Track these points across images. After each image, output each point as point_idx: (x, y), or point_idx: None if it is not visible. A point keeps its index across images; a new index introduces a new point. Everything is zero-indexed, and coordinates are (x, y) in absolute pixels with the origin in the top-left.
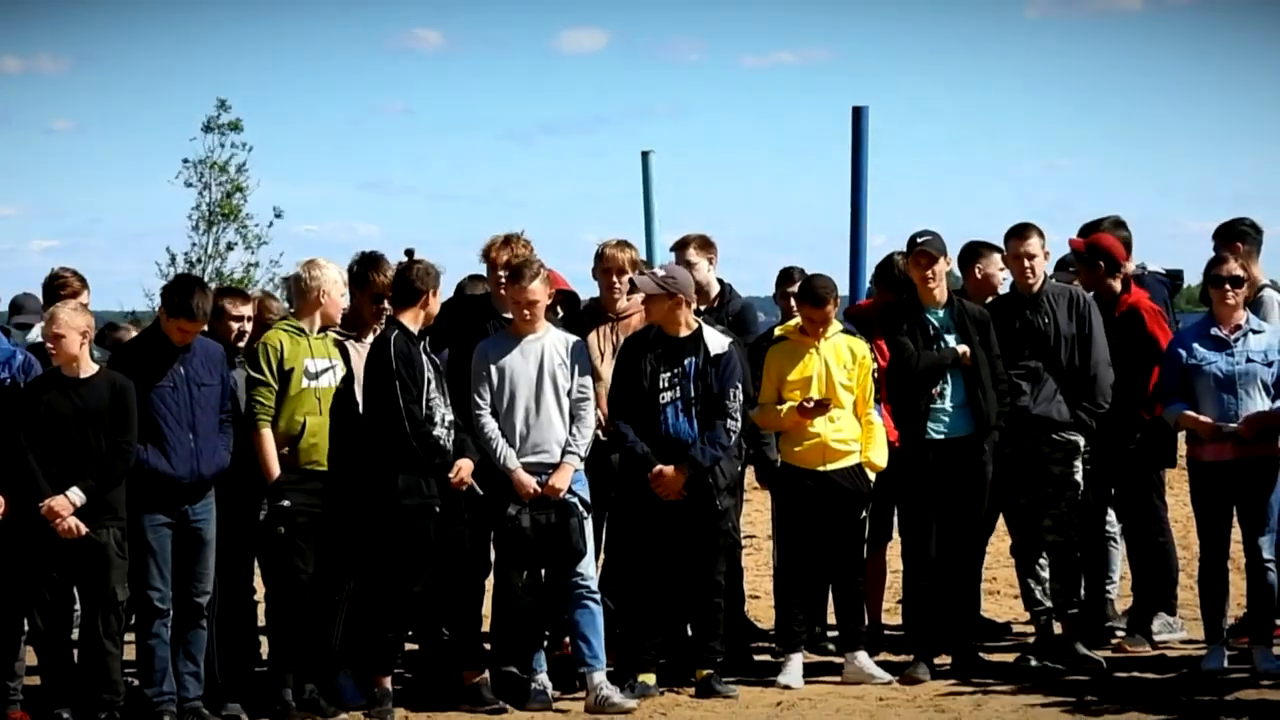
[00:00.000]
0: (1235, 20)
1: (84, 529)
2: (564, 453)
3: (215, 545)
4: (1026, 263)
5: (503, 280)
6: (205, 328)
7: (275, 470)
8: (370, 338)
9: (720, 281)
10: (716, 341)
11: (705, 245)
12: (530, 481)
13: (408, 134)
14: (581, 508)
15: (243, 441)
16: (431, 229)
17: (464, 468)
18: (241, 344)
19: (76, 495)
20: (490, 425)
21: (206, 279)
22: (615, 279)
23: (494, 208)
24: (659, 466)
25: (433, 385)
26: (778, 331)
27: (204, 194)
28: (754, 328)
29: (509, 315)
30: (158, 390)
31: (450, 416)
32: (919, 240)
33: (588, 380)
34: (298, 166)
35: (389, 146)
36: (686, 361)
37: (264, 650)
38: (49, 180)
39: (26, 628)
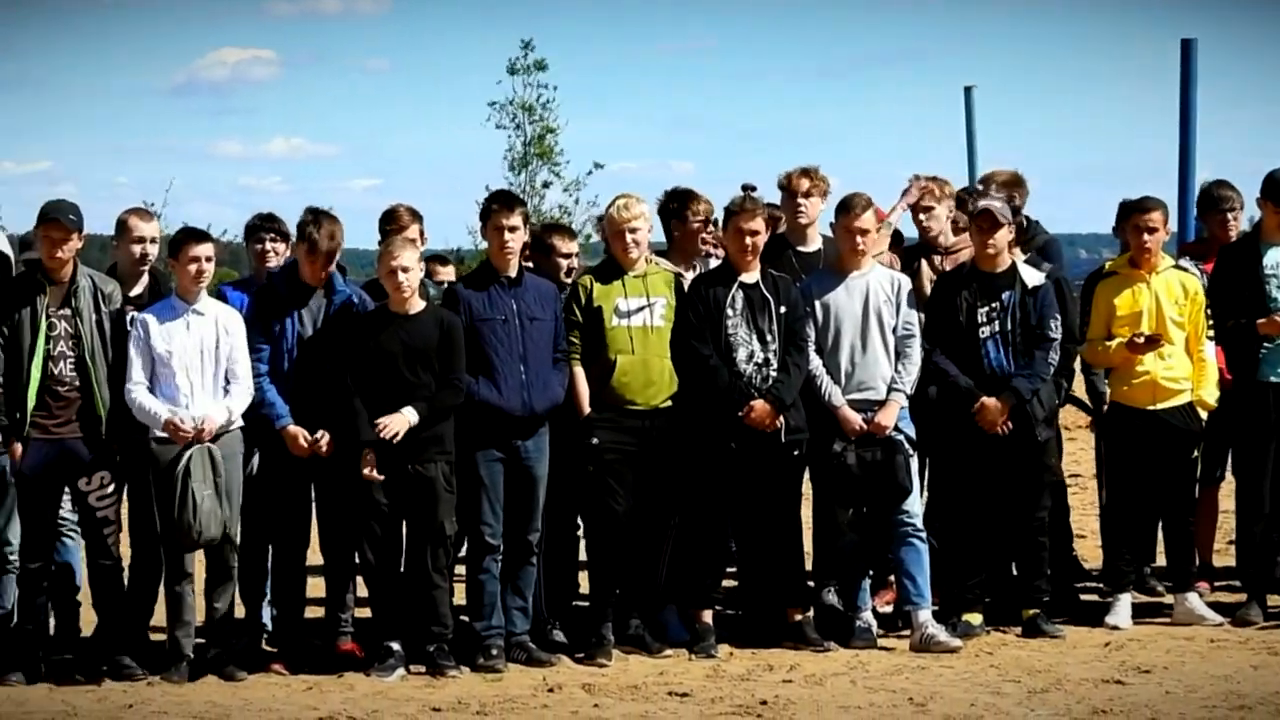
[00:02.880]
0: None
1: (378, 477)
2: (890, 390)
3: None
4: None
5: (801, 209)
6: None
7: (586, 407)
8: (691, 272)
9: (1026, 218)
10: (1032, 275)
11: (1008, 184)
12: (856, 418)
13: (720, 71)
14: (907, 445)
15: None
16: (744, 165)
17: (756, 408)
18: (569, 280)
19: (411, 414)
20: (814, 361)
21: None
22: (924, 215)
23: (808, 143)
24: (982, 399)
25: (735, 321)
26: (1108, 265)
27: (516, 134)
28: (1056, 263)
29: (804, 249)
30: (488, 323)
31: (764, 355)
32: None
33: (913, 316)
34: (612, 106)
35: (702, 84)
36: (1004, 295)
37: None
38: (367, 120)
39: (357, 561)
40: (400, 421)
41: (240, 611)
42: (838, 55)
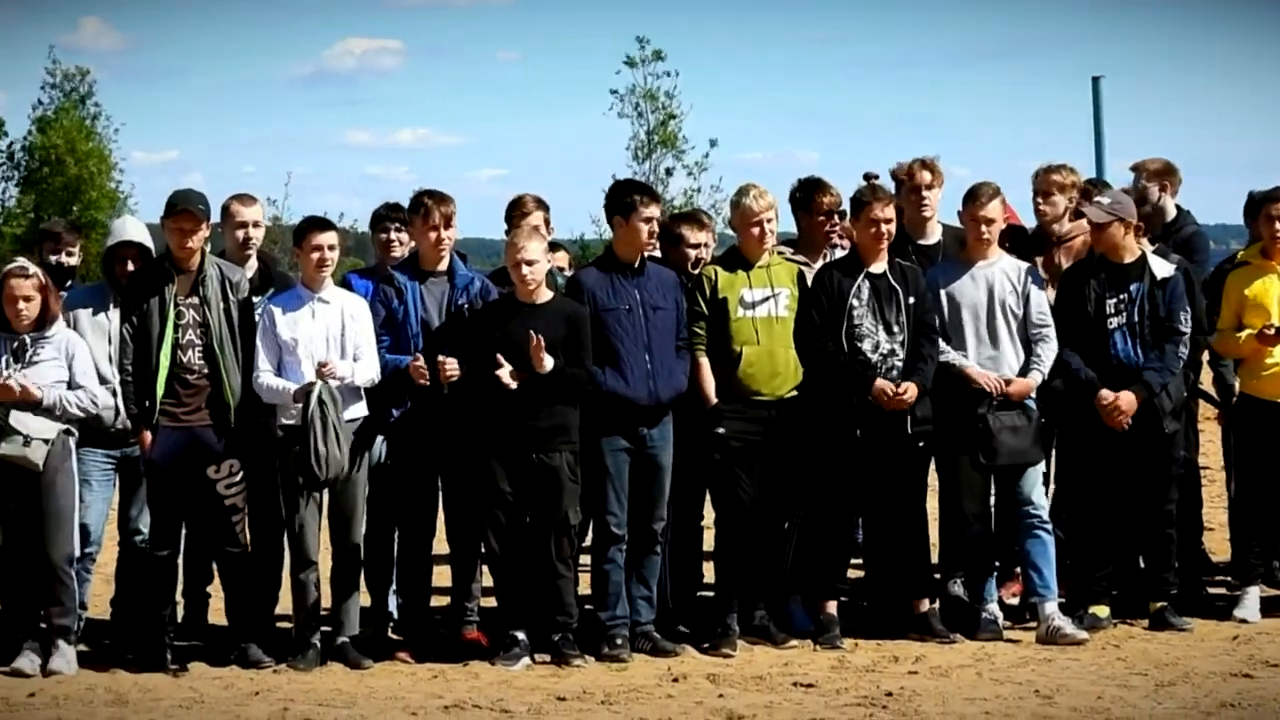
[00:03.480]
0: None
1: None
2: (1029, 367)
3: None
4: None
5: (924, 202)
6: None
7: (713, 396)
8: (819, 261)
9: (1178, 208)
10: (1162, 266)
11: (1159, 173)
12: (994, 377)
13: (845, 62)
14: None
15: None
16: (868, 155)
17: (882, 387)
18: (696, 271)
19: (549, 361)
20: (943, 350)
21: None
22: (1043, 200)
23: (932, 133)
24: (1110, 393)
25: (860, 312)
26: (1240, 256)
27: (639, 123)
28: (1200, 256)
29: (924, 241)
30: (613, 313)
31: (889, 346)
32: None
33: (1045, 303)
34: (736, 95)
35: (824, 75)
36: (1133, 287)
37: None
38: (495, 110)
39: (483, 550)
40: (546, 361)
41: (366, 600)
42: (963, 44)
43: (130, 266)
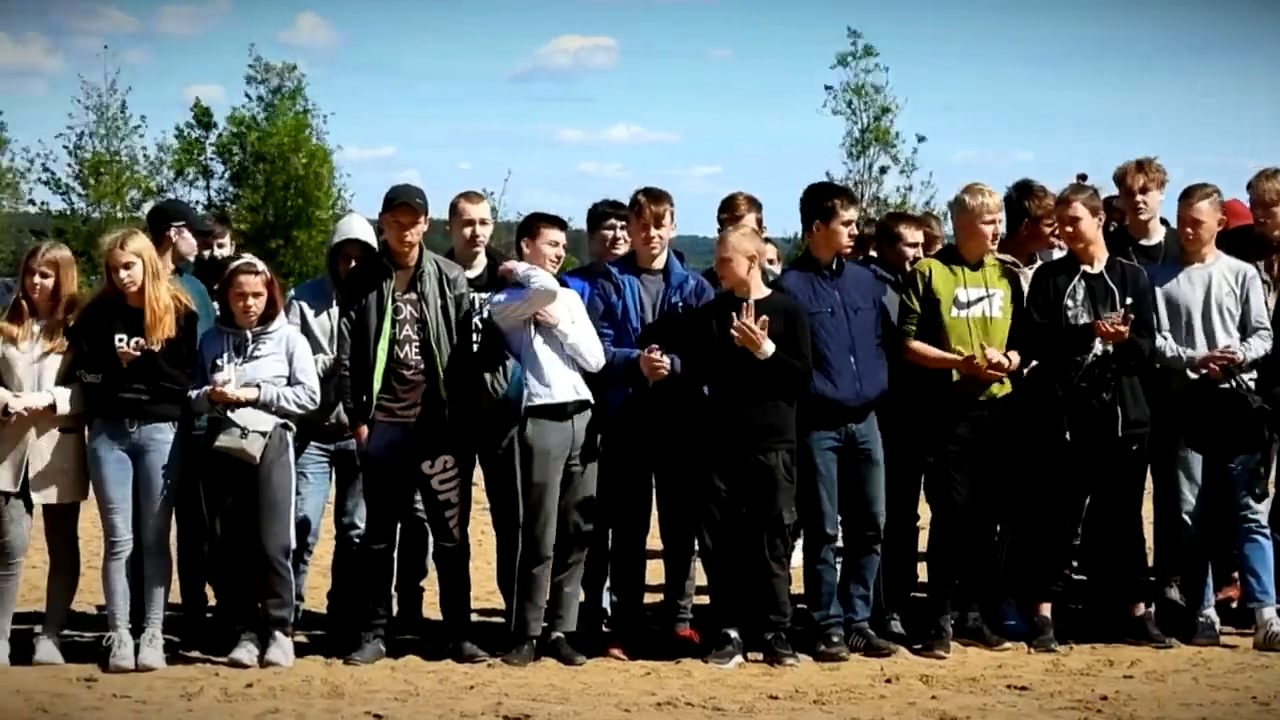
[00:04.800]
0: None
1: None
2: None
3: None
4: None
5: (1140, 205)
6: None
7: (949, 355)
8: (1030, 264)
9: None
10: None
11: None
12: (1213, 354)
13: (1060, 59)
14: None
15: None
16: (1084, 154)
17: (1113, 316)
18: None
19: (769, 345)
20: (1160, 342)
21: (864, 204)
22: (1261, 210)
23: (1149, 131)
24: None
25: (1075, 312)
26: None
27: (853, 119)
28: None
29: (1145, 242)
30: (817, 316)
31: (1103, 347)
32: None
33: (1263, 305)
34: (946, 92)
35: (1043, 72)
36: None
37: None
38: (709, 107)
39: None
40: (767, 345)
41: (580, 595)
42: (1180, 39)
43: (353, 264)
